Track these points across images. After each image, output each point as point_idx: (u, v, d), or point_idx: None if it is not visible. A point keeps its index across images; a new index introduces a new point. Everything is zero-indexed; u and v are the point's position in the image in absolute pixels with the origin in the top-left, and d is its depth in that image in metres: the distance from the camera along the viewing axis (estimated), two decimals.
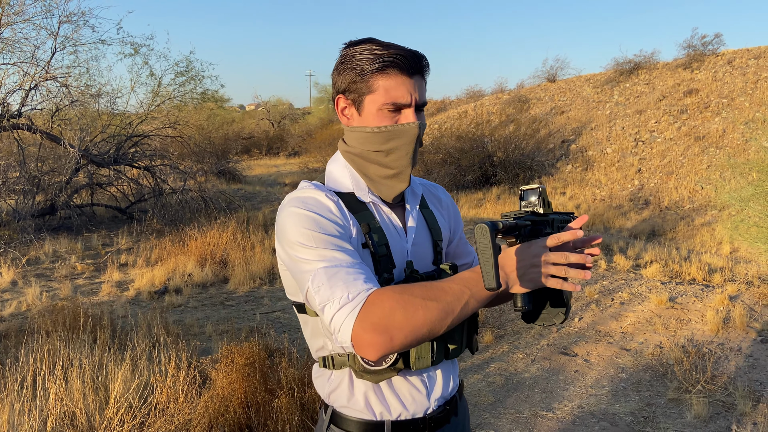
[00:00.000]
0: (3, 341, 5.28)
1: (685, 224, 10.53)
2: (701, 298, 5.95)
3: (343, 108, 1.30)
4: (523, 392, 4.35)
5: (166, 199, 12.08)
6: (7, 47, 10.50)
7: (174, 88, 15.33)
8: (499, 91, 26.42)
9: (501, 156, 16.36)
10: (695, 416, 3.86)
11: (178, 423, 3.35)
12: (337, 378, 1.28)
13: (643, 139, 15.84)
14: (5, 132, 10.62)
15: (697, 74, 17.75)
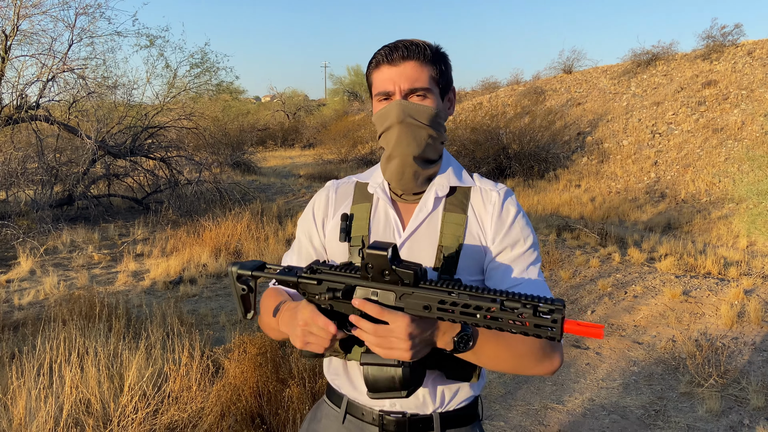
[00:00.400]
0: (21, 329, 5.38)
1: (701, 217, 10.42)
2: (716, 292, 5.90)
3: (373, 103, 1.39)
4: (534, 384, 4.35)
5: (181, 190, 12.18)
6: (25, 39, 10.64)
7: (189, 79, 15.43)
8: (515, 82, 26.23)
9: (516, 148, 16.27)
10: (707, 410, 3.84)
11: (191, 411, 3.40)
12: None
13: (660, 132, 15.66)
14: (24, 123, 10.76)
15: (716, 65, 17.48)
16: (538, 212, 11.67)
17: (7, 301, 6.45)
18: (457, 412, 1.34)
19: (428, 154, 1.31)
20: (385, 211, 1.37)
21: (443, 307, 1.04)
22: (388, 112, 1.28)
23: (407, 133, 1.27)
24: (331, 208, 1.44)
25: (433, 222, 1.33)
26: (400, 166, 1.30)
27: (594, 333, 0.93)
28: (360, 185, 1.44)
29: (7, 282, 7.22)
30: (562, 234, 8.87)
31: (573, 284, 6.49)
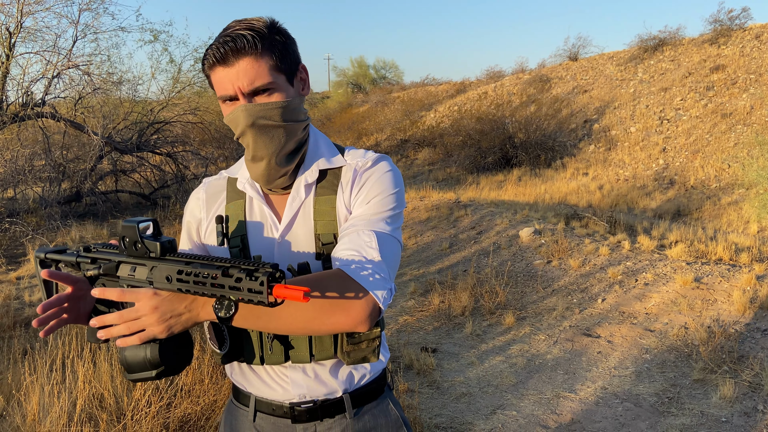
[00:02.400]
0: (32, 326, 5.41)
1: (711, 203, 10.35)
2: (727, 278, 5.86)
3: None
4: (546, 373, 4.33)
5: (188, 184, 12.20)
6: (29, 36, 10.65)
7: (194, 74, 15.40)
8: (520, 71, 26.08)
9: (522, 137, 16.20)
10: (721, 397, 3.81)
11: (204, 404, 3.41)
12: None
13: (668, 118, 15.54)
14: (30, 120, 10.79)
15: (724, 50, 17.31)
16: (545, 201, 11.62)
17: (17, 298, 6.49)
18: (365, 388, 1.36)
19: (289, 147, 1.24)
20: (259, 207, 1.31)
21: (181, 278, 1.04)
22: (236, 118, 1.18)
23: (263, 135, 1.19)
24: (203, 210, 1.37)
25: (306, 211, 1.28)
26: (266, 168, 1.24)
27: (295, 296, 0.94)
28: (231, 181, 1.36)
29: (18, 279, 7.25)
30: (570, 223, 8.83)
31: (583, 273, 6.46)
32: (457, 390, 4.16)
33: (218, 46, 1.15)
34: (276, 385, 1.32)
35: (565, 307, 5.61)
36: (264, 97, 1.18)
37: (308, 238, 1.27)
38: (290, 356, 1.27)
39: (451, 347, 4.98)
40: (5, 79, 10.50)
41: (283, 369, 1.31)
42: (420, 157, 19.86)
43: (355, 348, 1.26)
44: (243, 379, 1.36)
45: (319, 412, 1.32)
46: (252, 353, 1.27)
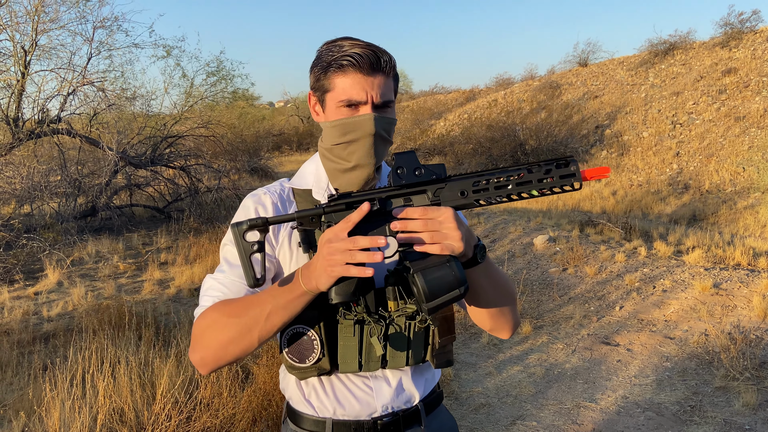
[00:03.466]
0: (51, 341, 5.45)
1: (727, 208, 10.24)
2: (747, 284, 5.79)
3: (314, 104, 1.32)
4: (565, 383, 4.30)
5: (201, 197, 12.27)
6: (44, 54, 10.79)
7: (206, 88, 15.55)
8: (529, 77, 26.06)
9: (533, 144, 16.16)
10: (744, 404, 3.76)
11: (223, 417, 3.42)
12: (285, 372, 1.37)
13: (681, 122, 15.44)
14: (46, 137, 10.92)
15: (736, 53, 17.20)
16: (558, 208, 11.56)
17: (36, 314, 6.54)
18: (432, 394, 1.39)
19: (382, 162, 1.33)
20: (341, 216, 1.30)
21: (477, 188, 1.11)
22: (358, 124, 1.22)
23: (376, 146, 1.24)
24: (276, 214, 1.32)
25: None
26: (365, 177, 1.28)
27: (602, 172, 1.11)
28: (300, 192, 1.35)
29: (36, 294, 7.32)
30: (585, 229, 8.78)
31: (599, 280, 6.41)
32: (475, 401, 4.14)
33: (362, 54, 1.20)
34: (356, 402, 1.29)
35: (583, 315, 5.57)
36: (385, 112, 1.26)
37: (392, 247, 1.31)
38: (387, 362, 1.26)
39: (468, 357, 4.96)
40: (21, 97, 10.64)
41: (365, 380, 1.29)
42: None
43: (442, 351, 1.30)
44: (318, 402, 1.31)
45: (401, 423, 1.32)
46: (350, 360, 1.24)
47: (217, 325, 1.17)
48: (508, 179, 1.10)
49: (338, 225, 1.05)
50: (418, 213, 1.06)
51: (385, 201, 1.11)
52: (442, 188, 1.11)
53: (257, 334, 1.15)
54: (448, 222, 1.06)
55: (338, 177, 1.30)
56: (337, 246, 1.03)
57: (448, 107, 27.02)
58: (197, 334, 1.20)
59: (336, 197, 1.10)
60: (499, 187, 1.10)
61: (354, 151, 1.25)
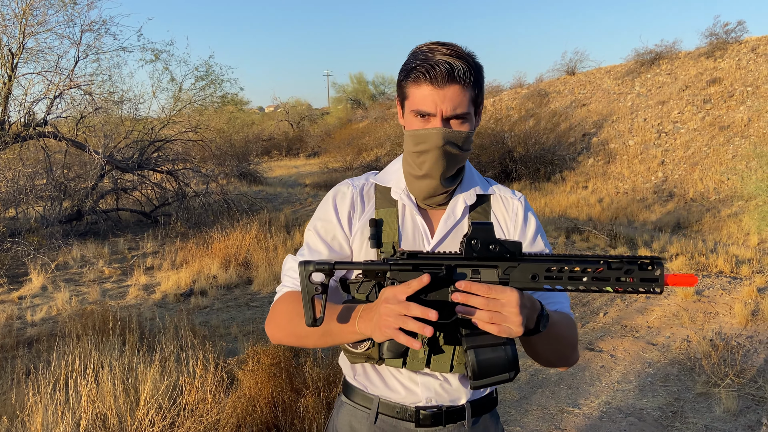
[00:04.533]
0: (35, 345, 5.41)
1: (711, 216, 10.37)
2: (729, 291, 5.86)
3: (398, 107, 1.37)
4: (549, 388, 4.33)
5: (189, 202, 12.23)
6: (31, 57, 10.73)
7: (194, 92, 15.50)
8: (518, 85, 26.23)
9: (521, 151, 16.26)
10: (725, 410, 3.81)
11: (207, 423, 3.41)
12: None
13: (666, 131, 15.62)
14: (32, 140, 10.84)
15: (721, 63, 17.43)
16: (546, 215, 11.64)
17: (20, 318, 6.48)
18: (482, 399, 1.41)
19: (453, 170, 1.34)
20: (412, 218, 1.37)
21: (550, 275, 1.07)
22: (427, 136, 1.26)
23: (444, 158, 1.27)
24: (358, 209, 1.39)
25: (460, 230, 1.37)
26: (433, 187, 1.32)
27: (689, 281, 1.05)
28: (381, 189, 1.41)
29: (20, 298, 7.25)
30: (571, 236, 8.84)
31: None
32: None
33: (432, 67, 1.21)
34: (402, 389, 1.35)
35: None
36: (458, 124, 1.27)
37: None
38: (431, 364, 1.30)
39: None
40: (7, 100, 10.57)
41: (414, 374, 1.34)
42: None
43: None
44: (367, 381, 1.39)
45: (443, 417, 1.36)
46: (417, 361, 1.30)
47: (286, 317, 1.30)
48: (585, 271, 1.07)
49: (399, 287, 1.06)
50: (482, 290, 1.05)
51: (453, 269, 1.09)
52: (514, 267, 1.08)
53: (312, 343, 1.28)
54: (511, 306, 1.04)
55: (412, 182, 1.35)
56: (392, 308, 1.05)
57: None
58: (273, 313, 1.35)
59: (404, 256, 1.09)
60: (573, 278, 1.07)
61: (424, 161, 1.28)
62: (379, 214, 1.36)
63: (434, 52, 1.23)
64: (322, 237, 1.38)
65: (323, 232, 1.38)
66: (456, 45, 1.27)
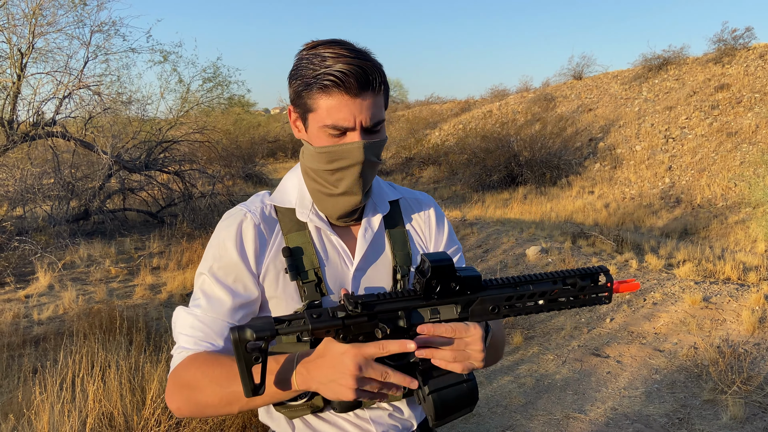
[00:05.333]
0: (42, 344, 5.43)
1: (718, 222, 10.33)
2: (736, 298, 5.84)
3: (294, 119, 1.21)
4: (555, 394, 4.32)
5: (195, 203, 12.27)
6: (40, 57, 10.79)
7: (202, 93, 15.57)
8: (524, 89, 26.23)
9: (527, 155, 16.25)
10: (731, 417, 3.79)
11: (213, 423, 3.41)
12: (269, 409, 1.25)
13: (674, 136, 15.58)
14: (40, 140, 10.90)
15: (729, 69, 17.39)
16: (551, 219, 11.62)
17: (26, 316, 6.51)
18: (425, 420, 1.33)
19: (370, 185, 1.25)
20: (328, 239, 1.23)
21: (511, 303, 1.06)
22: (347, 152, 1.12)
23: (365, 171, 1.16)
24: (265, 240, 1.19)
25: (379, 243, 1.27)
26: (353, 204, 1.20)
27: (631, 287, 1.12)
28: (283, 211, 1.23)
29: (26, 297, 7.28)
30: (577, 241, 8.83)
31: None
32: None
33: (348, 73, 1.07)
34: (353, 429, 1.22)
35: (574, 327, 5.60)
36: (375, 135, 1.15)
37: (384, 271, 1.26)
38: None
39: None
40: (16, 99, 10.63)
41: (361, 411, 1.22)
42: (425, 175, 19.92)
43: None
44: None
45: None
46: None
47: (198, 386, 1.07)
48: (542, 294, 1.07)
49: (370, 348, 0.95)
50: (447, 332, 0.99)
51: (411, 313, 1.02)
52: (473, 301, 1.04)
53: (237, 409, 1.07)
54: (475, 344, 1.00)
55: (324, 200, 1.21)
56: (369, 374, 0.95)
57: (443, 117, 27.14)
58: (176, 384, 1.11)
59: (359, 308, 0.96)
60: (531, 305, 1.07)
61: (342, 178, 1.16)
62: (290, 240, 1.20)
63: (338, 57, 1.08)
64: (221, 281, 1.16)
65: (222, 275, 1.16)
66: (351, 44, 1.13)
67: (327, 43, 1.11)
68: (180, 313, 1.17)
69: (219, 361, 1.08)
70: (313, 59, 1.10)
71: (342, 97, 1.08)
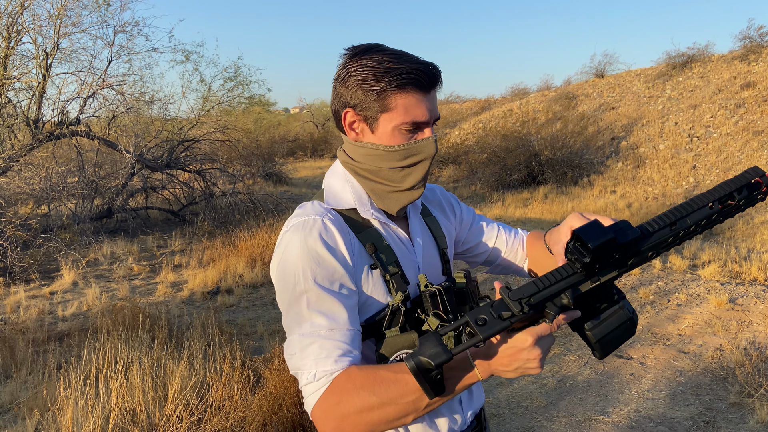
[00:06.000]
0: (66, 340, 5.51)
1: (744, 222, 10.13)
2: (763, 299, 5.72)
3: (351, 122, 1.23)
4: (577, 395, 4.27)
5: (216, 201, 12.37)
6: (65, 57, 10.95)
7: (223, 93, 15.68)
8: (545, 88, 26.00)
9: (548, 154, 16.09)
10: (758, 421, 3.71)
11: (234, 420, 3.43)
12: None
13: (698, 135, 15.32)
14: (65, 139, 11.07)
15: (755, 66, 17.05)
16: None
17: (51, 313, 6.61)
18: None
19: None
20: (393, 232, 1.28)
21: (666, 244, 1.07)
22: (423, 148, 1.19)
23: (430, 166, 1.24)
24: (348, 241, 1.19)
25: (425, 231, 1.37)
26: (414, 198, 1.27)
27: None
28: (345, 212, 1.25)
29: (51, 294, 7.40)
30: None
31: None
32: (486, 411, 4.11)
33: (422, 71, 1.15)
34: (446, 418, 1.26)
35: None
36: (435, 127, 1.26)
37: (435, 254, 1.36)
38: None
39: None
40: (42, 99, 10.80)
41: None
42: (444, 175, 19.84)
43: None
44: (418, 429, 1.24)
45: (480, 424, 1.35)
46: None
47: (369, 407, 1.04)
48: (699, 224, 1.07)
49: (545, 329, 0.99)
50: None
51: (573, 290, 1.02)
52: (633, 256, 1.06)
53: (412, 418, 1.06)
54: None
55: (386, 197, 1.26)
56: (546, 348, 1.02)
57: (463, 116, 27.03)
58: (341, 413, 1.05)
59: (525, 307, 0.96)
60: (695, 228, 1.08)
61: (410, 173, 1.22)
62: (362, 238, 1.22)
63: (401, 57, 1.16)
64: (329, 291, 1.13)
65: (327, 285, 1.13)
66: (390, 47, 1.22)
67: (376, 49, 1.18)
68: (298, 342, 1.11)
69: (380, 376, 1.06)
70: (374, 65, 1.15)
71: (417, 94, 1.16)
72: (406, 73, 1.14)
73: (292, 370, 1.12)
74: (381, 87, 1.15)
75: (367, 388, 1.04)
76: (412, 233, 1.31)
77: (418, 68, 1.15)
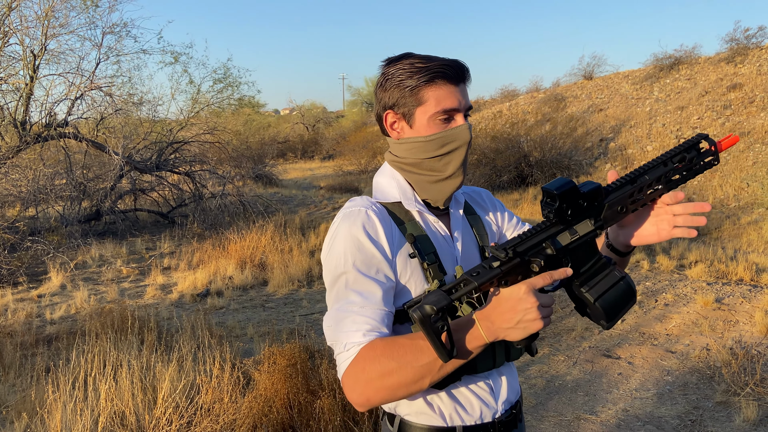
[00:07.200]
0: (54, 343, 5.47)
1: (730, 223, 10.24)
2: (749, 299, 5.78)
3: (392, 122, 1.35)
4: (565, 395, 4.30)
5: (205, 203, 12.32)
6: (53, 58, 10.89)
7: (212, 94, 15.64)
8: (534, 89, 26.13)
9: (537, 156, 16.17)
10: (744, 419, 3.75)
11: (224, 423, 3.43)
12: None
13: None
14: (53, 141, 10.99)
15: (741, 68, 17.23)
16: None
17: (39, 316, 6.57)
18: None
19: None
20: (434, 225, 1.37)
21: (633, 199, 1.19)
22: (457, 134, 1.30)
23: (467, 154, 1.33)
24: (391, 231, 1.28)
25: (466, 227, 1.44)
26: (457, 185, 1.35)
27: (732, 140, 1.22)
28: (390, 206, 1.34)
29: (39, 297, 7.35)
30: None
31: None
32: None
33: (450, 65, 1.28)
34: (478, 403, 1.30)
35: (584, 328, 5.57)
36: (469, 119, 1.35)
37: (475, 249, 1.43)
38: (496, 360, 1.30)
39: None
40: (29, 101, 10.73)
41: (485, 380, 1.32)
42: None
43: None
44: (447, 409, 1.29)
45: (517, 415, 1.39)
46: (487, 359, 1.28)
47: (389, 371, 1.12)
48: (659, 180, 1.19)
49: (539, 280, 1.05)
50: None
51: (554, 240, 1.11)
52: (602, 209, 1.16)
53: (428, 382, 1.14)
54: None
55: (429, 188, 1.35)
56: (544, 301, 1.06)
57: None
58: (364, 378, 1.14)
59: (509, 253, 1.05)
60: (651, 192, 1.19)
61: (450, 161, 1.31)
62: (405, 229, 1.31)
63: (430, 58, 1.29)
64: (367, 275, 1.22)
65: (365, 269, 1.23)
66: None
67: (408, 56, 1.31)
68: (334, 316, 1.22)
69: (398, 343, 1.15)
70: (407, 67, 1.29)
71: (447, 85, 1.28)
72: (435, 68, 1.27)
73: (329, 341, 1.23)
74: (414, 83, 1.27)
75: (387, 354, 1.13)
76: (452, 227, 1.39)
77: (445, 63, 1.28)
